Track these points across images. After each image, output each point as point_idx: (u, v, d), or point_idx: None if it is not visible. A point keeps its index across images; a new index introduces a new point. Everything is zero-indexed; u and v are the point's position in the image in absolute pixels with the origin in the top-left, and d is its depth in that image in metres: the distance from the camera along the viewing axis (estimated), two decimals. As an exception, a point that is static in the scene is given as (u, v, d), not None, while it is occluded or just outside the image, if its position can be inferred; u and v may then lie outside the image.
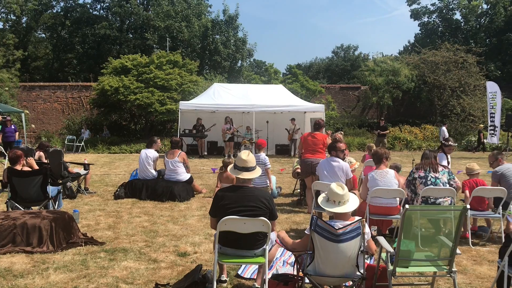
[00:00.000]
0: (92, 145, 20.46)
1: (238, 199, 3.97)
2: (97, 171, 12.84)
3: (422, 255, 3.90)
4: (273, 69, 28.78)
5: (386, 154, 6.26)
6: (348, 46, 50.37)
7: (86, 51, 37.28)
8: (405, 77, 24.95)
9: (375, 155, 6.27)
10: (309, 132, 8.39)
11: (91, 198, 8.94)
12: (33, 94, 24.97)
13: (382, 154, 6.18)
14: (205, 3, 36.49)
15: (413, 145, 21.76)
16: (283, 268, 5.01)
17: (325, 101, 24.19)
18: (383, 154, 6.18)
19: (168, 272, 4.80)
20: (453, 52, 25.33)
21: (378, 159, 6.19)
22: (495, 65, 30.97)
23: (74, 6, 37.97)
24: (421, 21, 36.79)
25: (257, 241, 3.98)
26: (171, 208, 8.05)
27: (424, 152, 6.20)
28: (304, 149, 7.94)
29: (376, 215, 5.98)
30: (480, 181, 6.53)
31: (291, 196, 9.30)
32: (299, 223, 7.15)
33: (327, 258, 3.59)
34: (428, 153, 6.09)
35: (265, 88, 20.24)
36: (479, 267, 5.13)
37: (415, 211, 3.89)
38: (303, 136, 8.19)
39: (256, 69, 44.20)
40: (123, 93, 19.85)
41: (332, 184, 3.86)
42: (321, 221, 3.63)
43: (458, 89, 24.66)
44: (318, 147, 7.72)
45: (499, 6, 31.88)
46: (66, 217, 5.88)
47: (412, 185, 5.94)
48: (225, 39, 32.63)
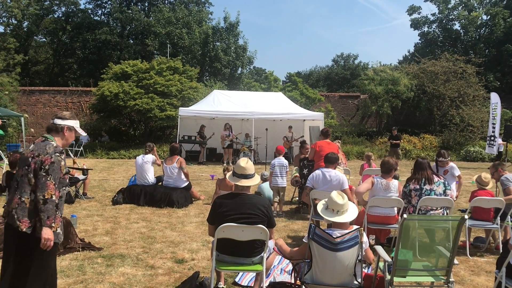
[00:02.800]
0: (91, 150, 20.46)
1: (237, 206, 3.97)
2: (95, 176, 12.83)
3: (419, 265, 3.90)
4: (273, 77, 28.85)
5: (396, 166, 6.18)
6: (348, 55, 50.61)
7: (87, 56, 37.36)
8: (405, 87, 25.01)
9: (385, 165, 6.00)
10: (322, 140, 8.17)
11: (89, 203, 8.93)
12: (33, 98, 25.00)
13: (392, 165, 6.00)
14: (206, 10, 36.72)
15: (411, 154, 21.77)
16: (280, 276, 5.00)
17: (324, 110, 24.24)
18: (394, 165, 6.03)
19: (166, 278, 4.79)
20: (452, 62, 25.42)
21: (388, 169, 5.99)
22: (494, 75, 31.08)
23: (75, 11, 38.08)
24: (421, 31, 36.97)
25: (255, 249, 3.98)
26: (169, 215, 8.05)
27: (417, 162, 5.97)
28: (318, 156, 7.71)
29: (374, 224, 5.96)
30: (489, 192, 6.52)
31: (289, 204, 9.29)
32: (297, 231, 7.14)
33: (325, 266, 3.59)
34: (423, 163, 5.87)
35: (265, 95, 20.30)
36: (476, 277, 5.12)
37: (413, 221, 3.89)
38: (317, 144, 8.02)
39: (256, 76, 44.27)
40: (123, 98, 19.88)
41: (333, 192, 3.85)
42: (319, 229, 3.63)
43: (457, 99, 24.73)
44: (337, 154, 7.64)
45: (498, 17, 32.06)
46: (64, 222, 5.86)
47: (408, 196, 5.90)
48: (225, 46, 32.74)
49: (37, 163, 3.37)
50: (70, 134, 3.67)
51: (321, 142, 8.03)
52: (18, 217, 3.32)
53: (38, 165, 3.36)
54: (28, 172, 3.38)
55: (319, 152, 7.80)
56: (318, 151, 7.86)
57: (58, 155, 3.42)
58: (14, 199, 3.37)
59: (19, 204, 3.34)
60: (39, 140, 3.56)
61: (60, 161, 3.43)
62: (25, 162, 3.42)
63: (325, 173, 6.65)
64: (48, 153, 3.39)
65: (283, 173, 8.51)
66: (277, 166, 8.51)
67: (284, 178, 8.54)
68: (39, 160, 3.37)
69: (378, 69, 27.55)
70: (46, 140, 3.53)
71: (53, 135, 3.60)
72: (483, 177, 6.64)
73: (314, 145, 8.22)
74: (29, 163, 3.39)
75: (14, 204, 3.35)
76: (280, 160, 8.59)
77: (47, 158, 3.36)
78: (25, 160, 3.42)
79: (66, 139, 3.66)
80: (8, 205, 3.43)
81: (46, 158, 3.36)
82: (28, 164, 3.39)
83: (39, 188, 3.31)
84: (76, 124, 3.71)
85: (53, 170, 3.36)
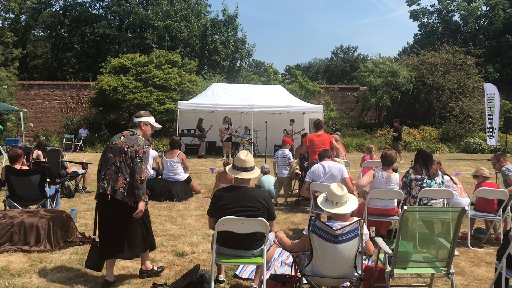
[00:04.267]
0: (90, 144, 20.44)
1: (237, 199, 3.96)
2: (95, 170, 12.76)
3: (420, 257, 3.90)
4: (272, 70, 28.77)
5: (396, 159, 6.20)
6: (348, 47, 50.40)
7: (85, 50, 37.19)
8: (404, 79, 24.95)
9: (387, 158, 5.99)
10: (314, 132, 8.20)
11: (89, 197, 8.93)
12: (32, 92, 24.92)
13: (394, 158, 6.03)
14: (205, 3, 36.47)
15: (411, 147, 21.76)
16: (281, 268, 5.01)
17: (324, 102, 24.20)
18: (395, 158, 6.06)
19: (166, 272, 4.79)
20: (452, 53, 25.34)
21: (390, 162, 5.99)
22: (494, 67, 30.97)
23: (73, 4, 37.85)
24: (420, 22, 36.81)
25: (255, 242, 3.98)
26: (169, 208, 8.05)
27: (421, 152, 5.94)
28: (311, 150, 7.82)
29: (375, 216, 5.96)
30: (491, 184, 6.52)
31: (289, 197, 9.29)
32: (297, 223, 7.15)
33: (325, 258, 3.59)
34: (426, 154, 5.87)
35: (264, 88, 20.24)
36: (477, 268, 5.13)
37: (413, 213, 3.89)
38: (307, 138, 8.08)
39: (255, 69, 44.18)
40: (122, 92, 19.84)
41: (332, 184, 3.86)
42: (319, 221, 3.63)
43: (457, 90, 24.67)
44: (326, 146, 7.65)
45: (498, 8, 31.89)
46: (64, 216, 5.87)
47: (408, 186, 5.89)
48: (224, 39, 32.61)
49: (132, 152, 4.28)
50: (146, 128, 4.54)
51: (311, 136, 8.08)
52: (126, 194, 4.26)
53: (133, 153, 4.27)
54: (126, 159, 4.28)
55: (310, 146, 7.86)
56: (308, 145, 7.93)
57: (147, 146, 4.39)
58: (119, 180, 4.25)
59: (125, 185, 4.26)
60: (128, 133, 4.44)
61: (148, 151, 4.49)
62: (121, 151, 4.30)
63: (324, 164, 6.69)
64: (140, 144, 4.32)
65: (286, 164, 8.80)
66: (280, 156, 8.87)
67: (288, 169, 8.80)
68: (134, 150, 4.28)
69: (378, 61, 27.48)
70: (134, 134, 4.44)
71: (136, 130, 4.49)
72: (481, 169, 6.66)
73: (304, 139, 8.28)
74: (126, 152, 4.29)
75: (121, 184, 4.25)
76: (283, 151, 8.94)
77: (141, 148, 4.29)
78: (121, 149, 4.30)
79: (144, 132, 4.53)
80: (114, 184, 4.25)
81: (139, 148, 4.29)
82: (125, 153, 4.29)
83: (136, 171, 4.26)
84: (150, 120, 4.58)
85: (145, 158, 4.33)
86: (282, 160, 8.82)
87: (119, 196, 4.23)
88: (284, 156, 8.84)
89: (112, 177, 4.27)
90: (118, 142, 4.35)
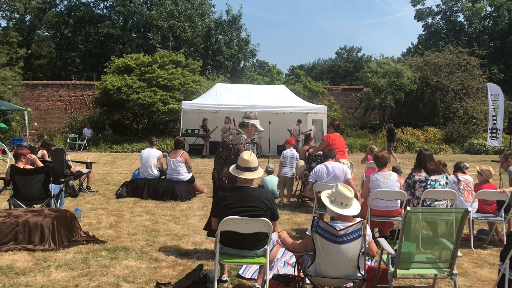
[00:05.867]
0: (94, 144, 20.50)
1: (240, 199, 3.98)
2: (99, 170, 12.86)
3: (423, 257, 3.90)
4: (275, 70, 28.77)
5: (389, 159, 6.23)
6: (351, 48, 50.42)
7: (89, 50, 37.31)
8: (408, 79, 24.88)
9: (380, 160, 6.07)
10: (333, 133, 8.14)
11: (93, 196, 8.96)
12: (36, 92, 25.01)
13: (387, 158, 6.09)
14: (209, 3, 36.49)
15: (415, 147, 21.70)
16: (284, 268, 5.02)
17: (327, 102, 24.18)
18: (388, 158, 6.12)
19: (169, 271, 4.81)
20: (456, 54, 25.25)
21: (384, 163, 6.07)
22: (498, 68, 30.89)
23: (77, 5, 37.98)
24: (425, 22, 36.73)
25: (258, 242, 3.99)
26: (172, 208, 8.07)
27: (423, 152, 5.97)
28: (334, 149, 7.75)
29: (378, 217, 5.97)
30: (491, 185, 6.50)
31: (292, 197, 9.29)
32: (300, 223, 7.15)
33: (328, 259, 3.60)
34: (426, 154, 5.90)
35: (268, 88, 20.23)
36: (480, 270, 5.12)
37: (416, 213, 3.89)
38: (331, 137, 7.98)
39: (259, 69, 44.23)
40: (126, 92, 19.87)
41: (339, 186, 3.81)
42: (322, 222, 3.63)
43: (461, 91, 24.58)
44: (344, 148, 7.64)
45: (503, 9, 31.80)
46: (68, 215, 5.90)
47: (412, 187, 5.90)
48: (228, 39, 32.61)
49: (235, 149, 5.04)
50: (252, 128, 5.31)
51: (334, 136, 7.99)
52: (228, 183, 4.96)
53: (236, 150, 5.01)
54: (231, 154, 5.05)
55: (331, 146, 7.74)
56: (331, 143, 7.83)
57: (248, 144, 5.16)
58: (223, 171, 5.06)
59: (228, 174, 4.89)
60: (235, 132, 5.23)
61: (249, 148, 5.12)
62: (228, 147, 5.12)
63: (327, 165, 6.72)
64: (242, 143, 5.09)
65: (293, 164, 8.80)
66: (289, 156, 8.83)
67: (293, 170, 8.78)
68: (237, 148, 5.03)
69: (381, 62, 27.41)
70: (240, 133, 5.21)
71: (243, 129, 5.26)
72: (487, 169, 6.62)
73: (326, 137, 8.14)
74: (231, 148, 5.09)
75: (224, 173, 5.05)
76: (292, 152, 8.93)
77: (242, 147, 5.04)
78: (228, 145, 5.13)
79: (249, 132, 5.30)
80: (218, 173, 5.12)
81: (241, 147, 5.05)
82: (230, 149, 5.09)
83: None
84: (256, 123, 5.36)
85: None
86: (291, 160, 8.81)
87: (222, 184, 5.01)
88: (293, 157, 8.84)
89: (218, 167, 5.15)
90: (228, 139, 5.18)
